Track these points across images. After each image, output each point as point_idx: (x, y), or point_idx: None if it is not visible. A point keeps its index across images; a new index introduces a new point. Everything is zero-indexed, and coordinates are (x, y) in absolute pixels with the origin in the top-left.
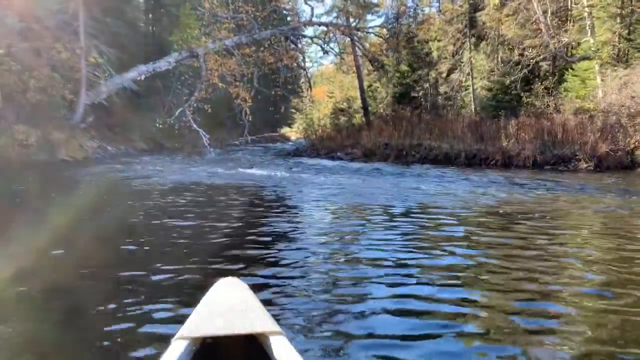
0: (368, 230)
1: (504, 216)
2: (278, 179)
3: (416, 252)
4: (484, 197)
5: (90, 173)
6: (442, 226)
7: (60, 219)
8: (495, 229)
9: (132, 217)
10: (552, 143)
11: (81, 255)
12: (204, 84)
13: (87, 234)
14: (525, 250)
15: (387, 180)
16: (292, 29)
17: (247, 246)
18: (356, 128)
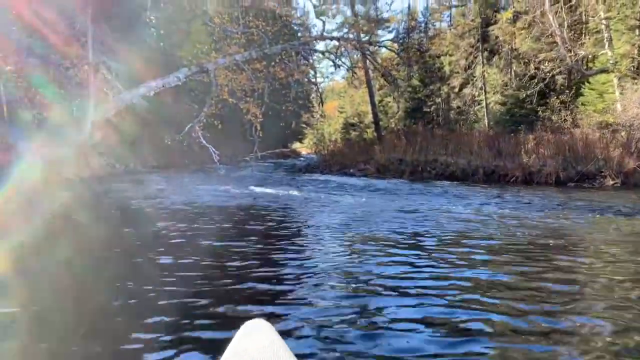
0: (388, 260)
1: (541, 244)
2: (289, 198)
3: (447, 290)
4: (515, 220)
5: (94, 192)
6: (472, 256)
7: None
8: (533, 258)
9: (127, 248)
10: (574, 159)
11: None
12: (213, 99)
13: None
14: (565, 284)
15: (405, 199)
16: (303, 44)
17: (260, 278)
18: (368, 143)
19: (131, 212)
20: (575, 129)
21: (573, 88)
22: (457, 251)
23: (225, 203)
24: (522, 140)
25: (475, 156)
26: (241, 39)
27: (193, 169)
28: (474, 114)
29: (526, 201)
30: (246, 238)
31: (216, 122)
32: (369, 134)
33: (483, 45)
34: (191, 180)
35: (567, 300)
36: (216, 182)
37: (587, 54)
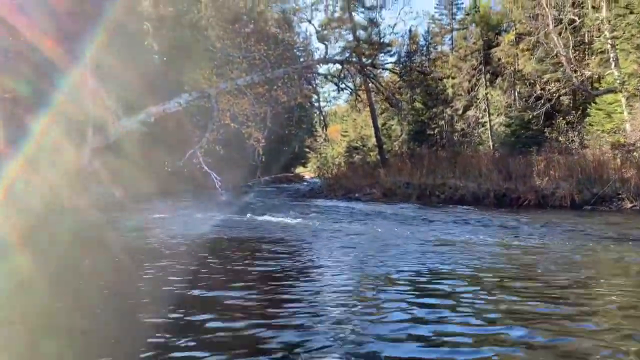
0: (399, 301)
1: (566, 281)
2: (292, 228)
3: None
4: (536, 251)
5: (86, 223)
6: (498, 303)
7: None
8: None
9: (110, 289)
10: (588, 180)
11: None
12: (215, 124)
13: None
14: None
15: (415, 227)
16: (306, 67)
17: (259, 328)
18: (372, 166)
19: (111, 246)
20: (584, 149)
21: (580, 108)
22: (476, 292)
23: (222, 234)
24: (531, 162)
25: (485, 179)
26: (243, 64)
27: (195, 196)
28: (478, 136)
29: (543, 228)
30: (239, 280)
31: (218, 147)
32: (373, 157)
33: (485, 67)
34: (191, 207)
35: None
36: (216, 210)
37: (593, 74)
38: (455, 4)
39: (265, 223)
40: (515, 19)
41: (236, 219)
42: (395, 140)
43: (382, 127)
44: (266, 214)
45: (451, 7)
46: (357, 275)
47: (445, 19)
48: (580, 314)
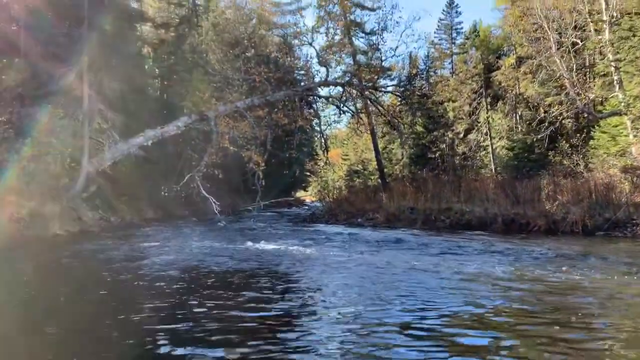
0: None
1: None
2: (291, 257)
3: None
4: (562, 286)
5: (74, 251)
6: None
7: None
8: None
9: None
10: (599, 205)
11: None
12: (214, 147)
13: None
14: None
15: (423, 255)
16: (307, 90)
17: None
18: (374, 190)
19: (95, 278)
20: (589, 173)
21: (583, 131)
22: (514, 347)
23: (214, 265)
24: (539, 186)
25: (492, 203)
26: (243, 86)
27: (193, 221)
28: (479, 159)
29: (559, 257)
30: (220, 332)
31: (217, 171)
32: (373, 181)
33: (486, 90)
34: (187, 234)
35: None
36: (213, 237)
37: (597, 97)
38: (455, 29)
39: (262, 252)
40: (515, 42)
41: (232, 247)
42: (396, 163)
43: (383, 150)
44: (264, 241)
45: (451, 31)
46: (365, 324)
47: (445, 44)
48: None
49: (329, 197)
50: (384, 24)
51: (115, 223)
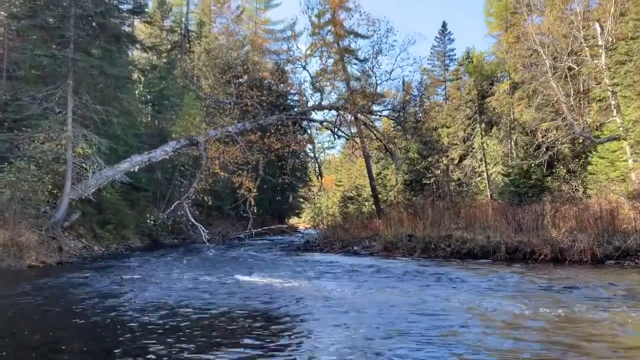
0: None
1: None
2: (283, 292)
3: None
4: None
5: (38, 286)
6: None
7: None
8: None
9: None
10: (607, 233)
11: None
12: (204, 173)
13: None
14: None
15: (426, 289)
16: (301, 113)
17: None
18: (369, 217)
19: (55, 319)
20: (588, 199)
21: (581, 157)
22: None
23: (199, 305)
24: (540, 212)
25: (493, 231)
26: (234, 110)
27: (181, 250)
28: (475, 185)
29: (576, 290)
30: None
31: (206, 198)
32: (368, 207)
33: (480, 116)
34: (173, 265)
35: None
36: (200, 268)
37: (594, 122)
38: (447, 56)
39: (251, 287)
40: (509, 68)
41: (218, 281)
42: (391, 189)
43: (377, 176)
44: (254, 274)
45: (444, 58)
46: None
47: (438, 70)
48: None
49: (323, 224)
50: (379, 47)
51: (98, 253)
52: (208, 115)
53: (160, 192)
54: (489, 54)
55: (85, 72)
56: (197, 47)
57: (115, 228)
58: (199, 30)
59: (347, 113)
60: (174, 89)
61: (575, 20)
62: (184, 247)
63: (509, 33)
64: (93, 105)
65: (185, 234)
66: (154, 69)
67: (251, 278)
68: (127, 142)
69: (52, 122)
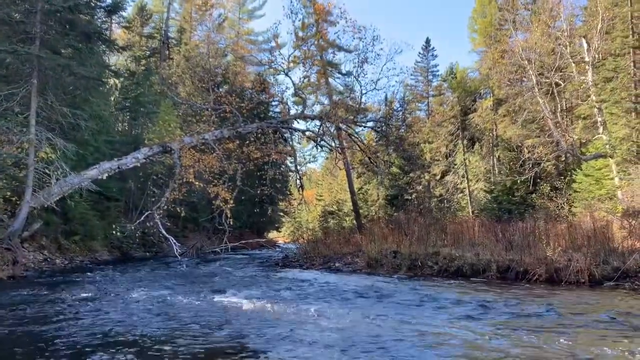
0: None
1: None
2: (255, 319)
3: None
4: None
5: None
6: None
7: None
8: None
9: None
10: (603, 252)
11: None
12: (177, 182)
13: None
14: None
15: (415, 312)
16: (282, 122)
17: None
18: (350, 232)
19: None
20: (577, 216)
21: (566, 174)
22: None
23: (151, 331)
24: (530, 229)
25: (483, 248)
26: (212, 117)
27: (151, 264)
28: (457, 202)
29: (588, 316)
30: None
31: (180, 209)
32: (349, 222)
33: (463, 132)
34: (138, 281)
35: None
36: (169, 284)
37: (580, 139)
38: (431, 71)
39: (220, 310)
40: (493, 84)
41: (186, 302)
42: (372, 204)
43: (359, 191)
44: (226, 293)
45: (427, 74)
46: None
47: (421, 86)
48: None
49: (304, 238)
50: (365, 55)
51: (60, 266)
52: (185, 122)
53: (133, 202)
54: (473, 70)
55: (52, 71)
56: (177, 55)
57: (82, 239)
58: (179, 37)
59: (331, 123)
60: (151, 95)
61: (562, 36)
62: (155, 261)
63: (494, 49)
64: (59, 107)
65: (157, 247)
66: (132, 76)
67: (222, 298)
68: (98, 149)
69: (12, 122)
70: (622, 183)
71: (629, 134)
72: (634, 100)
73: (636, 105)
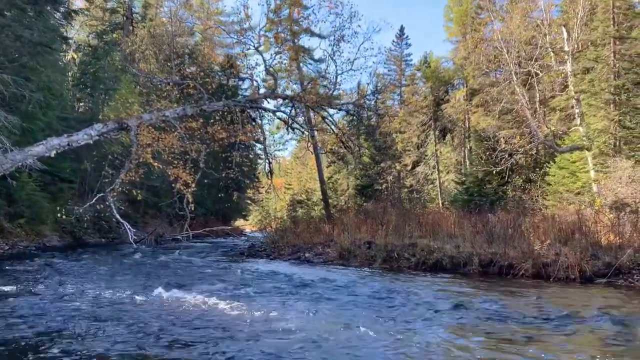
0: None
1: None
2: (209, 322)
3: None
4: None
5: None
6: None
7: None
8: None
9: None
10: (591, 247)
11: None
12: (133, 162)
13: None
14: None
15: (398, 318)
16: (251, 101)
17: None
18: (320, 221)
19: None
20: (549, 209)
21: (543, 166)
22: None
23: (88, 339)
24: (513, 221)
25: (462, 240)
26: (174, 92)
27: (103, 252)
28: (427, 193)
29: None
30: None
31: (136, 191)
32: (317, 211)
33: (435, 123)
34: (82, 271)
35: None
36: (114, 276)
37: (556, 130)
38: (404, 60)
39: (166, 309)
40: (467, 74)
41: (125, 297)
42: (342, 194)
43: (328, 180)
44: (180, 287)
45: (400, 63)
46: None
47: (394, 75)
48: None
49: (272, 227)
50: (341, 33)
51: (0, 251)
52: (146, 102)
53: (89, 184)
54: (447, 60)
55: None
56: (141, 31)
57: (29, 223)
58: (144, 13)
59: (303, 104)
60: (111, 71)
61: (542, 24)
62: (108, 248)
63: (470, 38)
64: (0, 74)
65: (114, 233)
66: (93, 50)
67: (173, 294)
68: (50, 126)
69: None
70: (598, 176)
71: (607, 126)
72: (613, 91)
73: (615, 97)
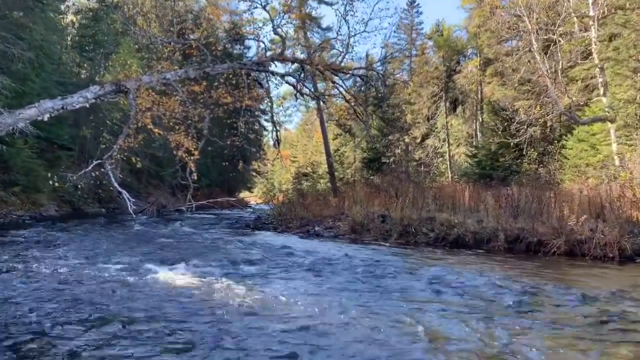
0: None
1: None
2: (204, 306)
3: None
4: None
5: None
6: None
7: None
8: None
9: None
10: (630, 223)
11: None
12: (131, 128)
13: None
14: None
15: (430, 306)
16: (257, 63)
17: None
18: (327, 194)
19: None
20: (566, 184)
21: (560, 139)
22: None
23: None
24: (537, 195)
25: (485, 214)
26: (175, 53)
27: (101, 223)
28: (436, 166)
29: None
30: None
31: (135, 159)
32: (323, 184)
33: (446, 94)
34: (75, 243)
35: None
36: (109, 249)
37: (578, 101)
38: (415, 29)
39: (157, 290)
40: (482, 43)
41: (115, 274)
42: (348, 167)
43: (335, 153)
44: (177, 263)
45: (411, 32)
46: None
47: (404, 44)
48: None
49: (279, 199)
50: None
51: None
52: (147, 66)
53: (88, 151)
54: (460, 28)
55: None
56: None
57: (25, 191)
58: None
59: (314, 67)
60: (111, 35)
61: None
62: (108, 219)
63: (487, 3)
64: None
65: (115, 203)
66: (95, 14)
67: (168, 272)
68: (47, 90)
69: None
70: (622, 149)
71: (634, 95)
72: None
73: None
